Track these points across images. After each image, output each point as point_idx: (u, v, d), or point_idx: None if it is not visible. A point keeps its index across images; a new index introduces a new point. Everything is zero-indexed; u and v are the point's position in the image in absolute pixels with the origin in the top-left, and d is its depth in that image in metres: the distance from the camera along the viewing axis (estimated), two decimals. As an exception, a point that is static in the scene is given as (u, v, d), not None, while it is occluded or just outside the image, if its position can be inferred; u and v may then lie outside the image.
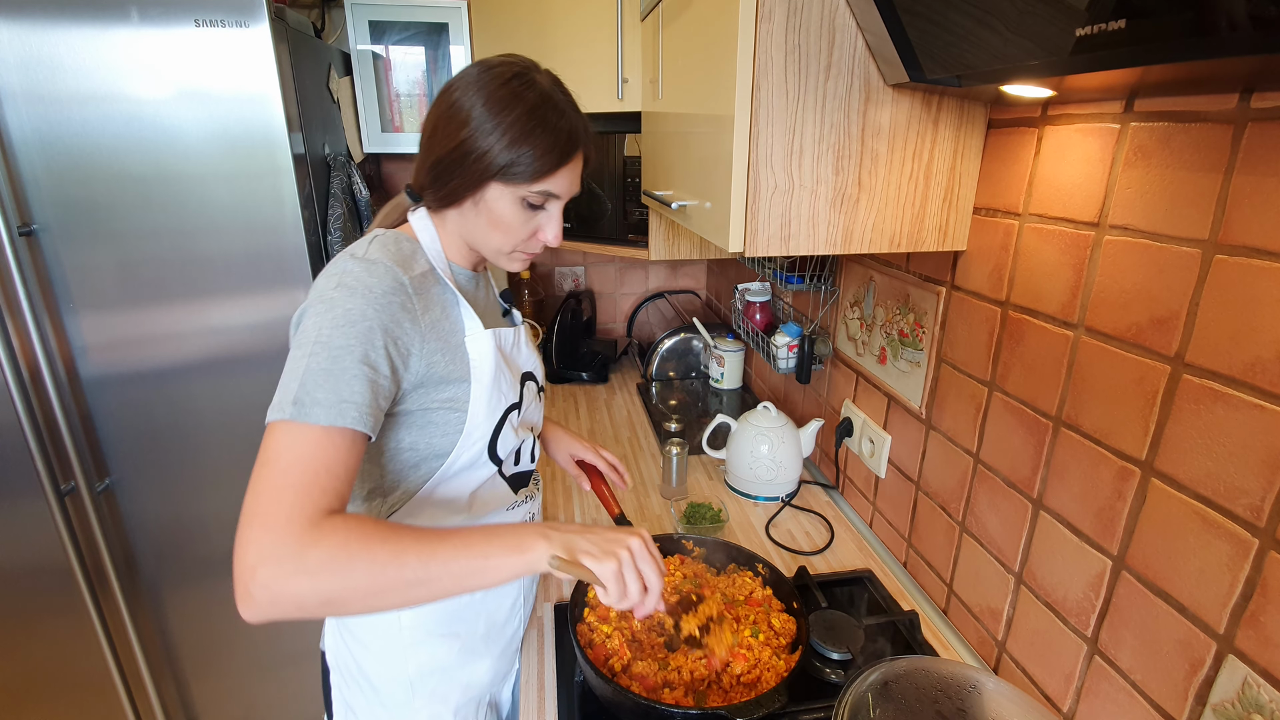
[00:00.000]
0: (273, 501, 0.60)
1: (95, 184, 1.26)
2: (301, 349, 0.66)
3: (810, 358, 1.42)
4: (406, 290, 0.72)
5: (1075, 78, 0.60)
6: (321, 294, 0.69)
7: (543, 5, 1.61)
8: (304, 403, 0.63)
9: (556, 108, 0.76)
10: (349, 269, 0.70)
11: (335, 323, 0.66)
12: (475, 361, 0.80)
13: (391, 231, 0.79)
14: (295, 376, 0.64)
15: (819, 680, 0.91)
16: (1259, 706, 0.58)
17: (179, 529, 1.50)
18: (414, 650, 0.87)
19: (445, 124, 0.75)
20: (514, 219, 0.78)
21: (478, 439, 0.82)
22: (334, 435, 0.64)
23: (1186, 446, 0.65)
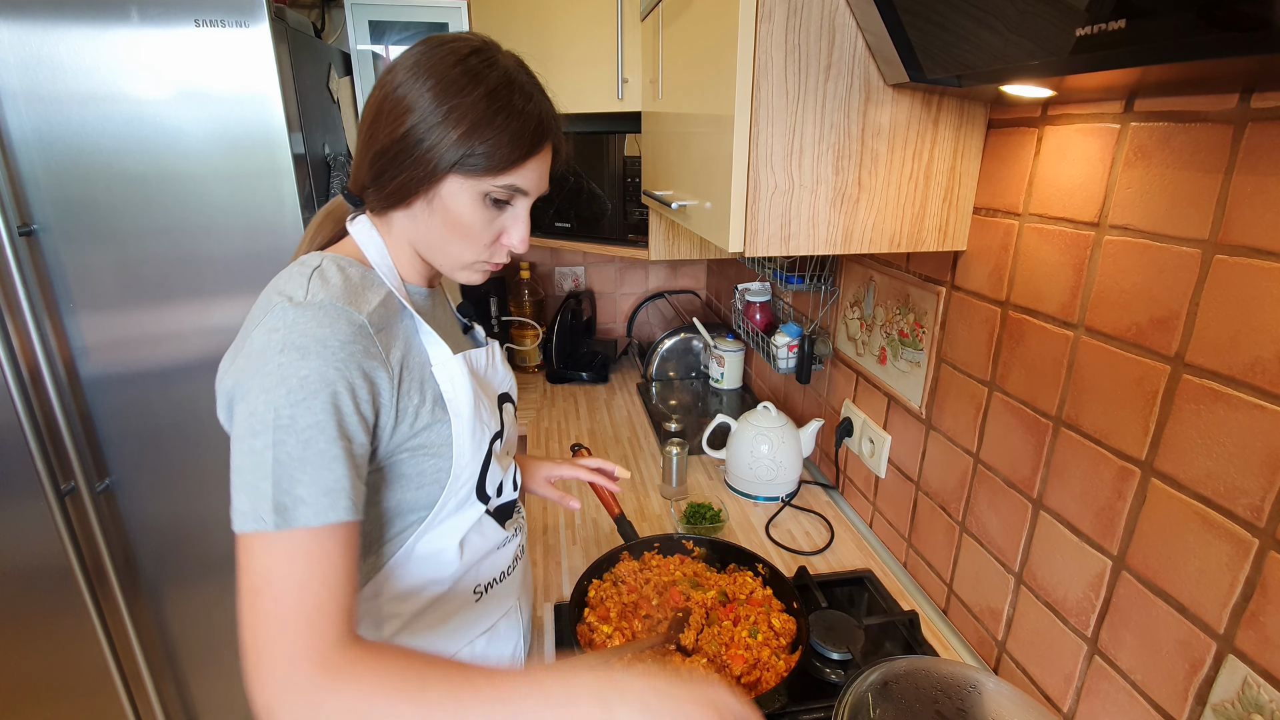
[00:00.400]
0: (277, 638, 0.52)
1: (95, 184, 1.26)
2: (259, 437, 0.54)
3: (810, 358, 1.42)
4: (367, 332, 0.60)
5: (1075, 78, 0.60)
6: (265, 361, 0.56)
7: (543, 5, 1.61)
8: (286, 506, 0.53)
9: (522, 90, 0.65)
10: (293, 322, 0.57)
11: (293, 397, 0.55)
12: (450, 394, 0.69)
13: (330, 257, 0.66)
14: (262, 474, 0.54)
15: (819, 680, 0.91)
16: (1259, 706, 0.58)
17: (179, 529, 1.50)
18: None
19: (391, 108, 0.63)
20: (475, 219, 0.67)
21: (465, 480, 0.72)
22: (328, 535, 0.55)
23: (1186, 446, 0.65)
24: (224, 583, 1.57)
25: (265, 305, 0.60)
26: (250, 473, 0.55)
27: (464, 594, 0.78)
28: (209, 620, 1.59)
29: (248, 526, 0.54)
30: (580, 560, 1.22)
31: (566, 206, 1.78)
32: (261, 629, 0.52)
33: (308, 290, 0.60)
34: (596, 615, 0.95)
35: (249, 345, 0.58)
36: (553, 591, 1.14)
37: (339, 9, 1.82)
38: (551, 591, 1.14)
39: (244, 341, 0.60)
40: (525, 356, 2.21)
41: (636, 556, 1.08)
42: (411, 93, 0.63)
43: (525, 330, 2.18)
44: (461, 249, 0.69)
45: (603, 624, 0.93)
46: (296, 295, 0.59)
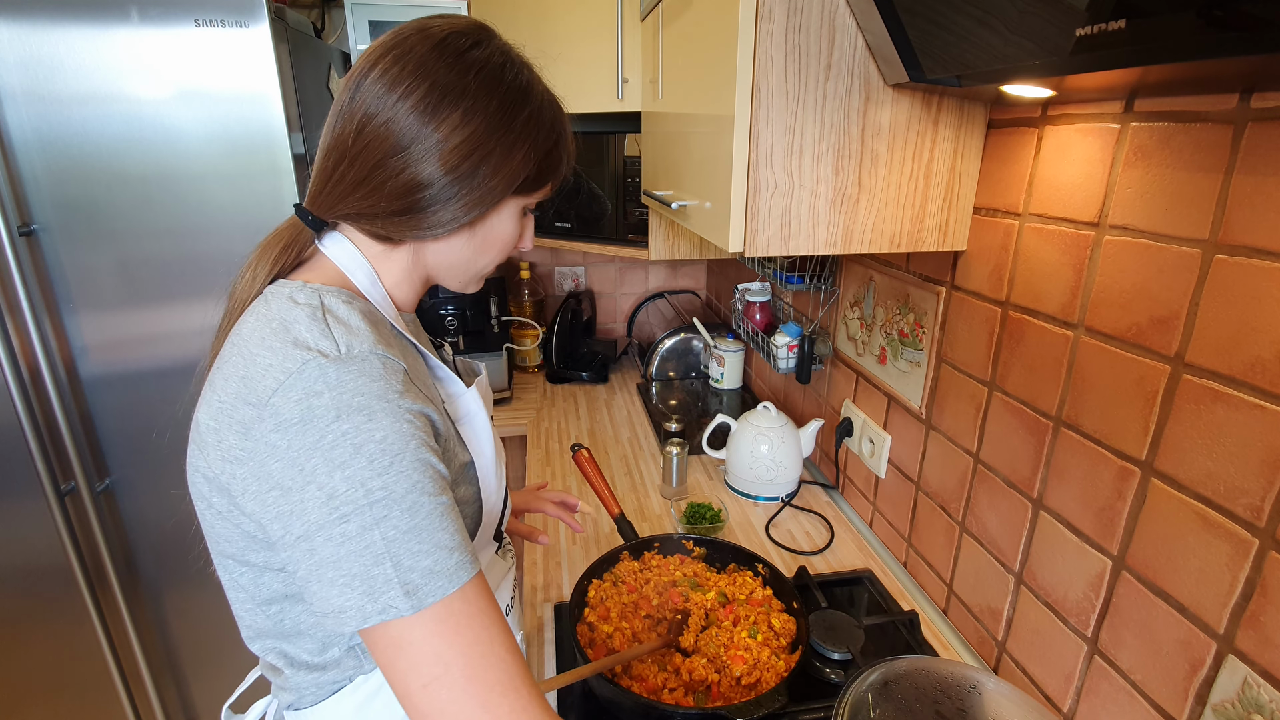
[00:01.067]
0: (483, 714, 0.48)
1: (95, 184, 1.26)
2: (351, 521, 0.47)
3: (810, 358, 1.42)
4: (400, 370, 0.53)
5: (1075, 78, 0.60)
6: (321, 434, 0.47)
7: (543, 5, 1.61)
8: (415, 585, 0.47)
9: (551, 94, 0.62)
10: (338, 381, 0.48)
11: (376, 467, 0.48)
12: (467, 430, 0.63)
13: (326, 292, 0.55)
14: (372, 558, 0.47)
15: (819, 680, 0.91)
16: (1259, 706, 0.58)
17: (179, 529, 1.50)
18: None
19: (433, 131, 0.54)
20: (512, 233, 0.64)
21: (494, 516, 0.66)
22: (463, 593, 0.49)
23: (1186, 446, 0.65)
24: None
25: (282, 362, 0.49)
26: (354, 560, 0.47)
27: None
28: (209, 620, 1.59)
29: (372, 620, 0.47)
30: (580, 560, 1.22)
31: (566, 206, 1.78)
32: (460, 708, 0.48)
33: (335, 340, 0.51)
34: (596, 615, 0.95)
35: (276, 414, 0.48)
36: (553, 591, 1.14)
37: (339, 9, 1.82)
38: (551, 591, 1.14)
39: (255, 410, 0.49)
40: (525, 356, 2.21)
41: (636, 556, 1.08)
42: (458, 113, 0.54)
43: (525, 330, 2.18)
44: (490, 261, 0.65)
45: (603, 624, 0.93)
46: (328, 349, 0.50)
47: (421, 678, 0.48)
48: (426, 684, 0.48)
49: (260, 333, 0.52)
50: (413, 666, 0.48)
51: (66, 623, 1.48)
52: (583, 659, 0.85)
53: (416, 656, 0.48)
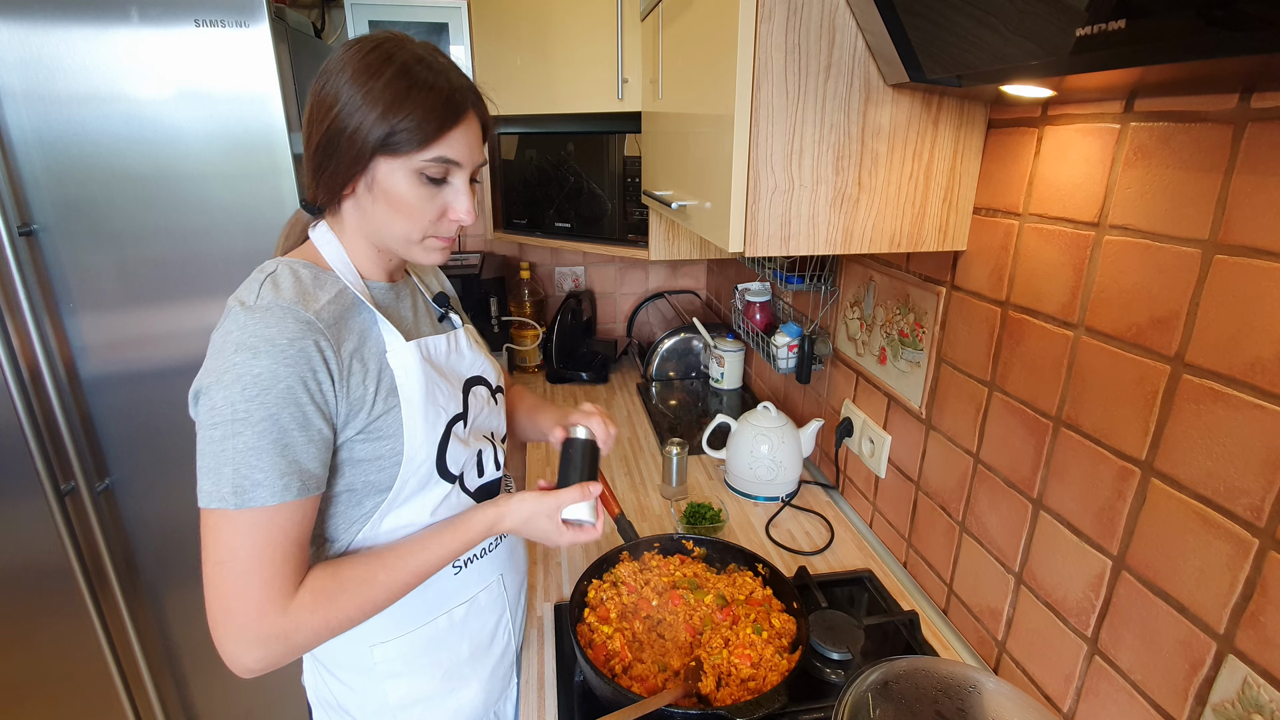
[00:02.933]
0: (241, 600, 0.63)
1: (95, 184, 1.26)
2: (219, 428, 0.62)
3: (810, 358, 1.42)
4: (316, 327, 0.66)
5: (1075, 78, 0.60)
6: (222, 362, 0.63)
7: (543, 5, 1.61)
8: (244, 488, 0.62)
9: (430, 67, 0.68)
10: (244, 324, 0.63)
11: (247, 393, 0.62)
12: (401, 380, 0.73)
13: (284, 261, 0.71)
14: (226, 459, 0.62)
15: (819, 680, 0.91)
16: (1259, 706, 0.58)
17: (179, 529, 1.50)
18: (392, 682, 0.83)
19: (318, 104, 0.68)
20: (414, 197, 0.70)
21: (421, 461, 0.76)
22: (283, 511, 0.64)
23: (1186, 446, 0.65)
24: (224, 583, 1.57)
25: (226, 311, 0.66)
26: (212, 458, 0.62)
27: (443, 571, 0.82)
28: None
29: (211, 504, 0.62)
30: (580, 560, 1.22)
31: (566, 206, 1.78)
32: (229, 594, 0.63)
33: (258, 294, 0.66)
34: (597, 616, 0.95)
35: (211, 346, 0.65)
36: (552, 591, 1.14)
37: (339, 9, 1.82)
38: (551, 591, 1.14)
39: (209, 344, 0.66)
40: (525, 356, 2.21)
41: (636, 557, 1.08)
42: (331, 84, 0.67)
43: (525, 330, 2.18)
44: (407, 228, 0.72)
45: (603, 624, 0.93)
46: (248, 300, 0.65)
47: (216, 556, 0.63)
48: (217, 563, 0.63)
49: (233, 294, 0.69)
50: (212, 546, 0.63)
51: (66, 623, 1.48)
52: (583, 659, 0.85)
53: (220, 540, 0.63)
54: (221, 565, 0.63)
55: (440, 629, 0.84)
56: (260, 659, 0.64)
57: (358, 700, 0.84)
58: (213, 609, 0.64)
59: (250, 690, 1.69)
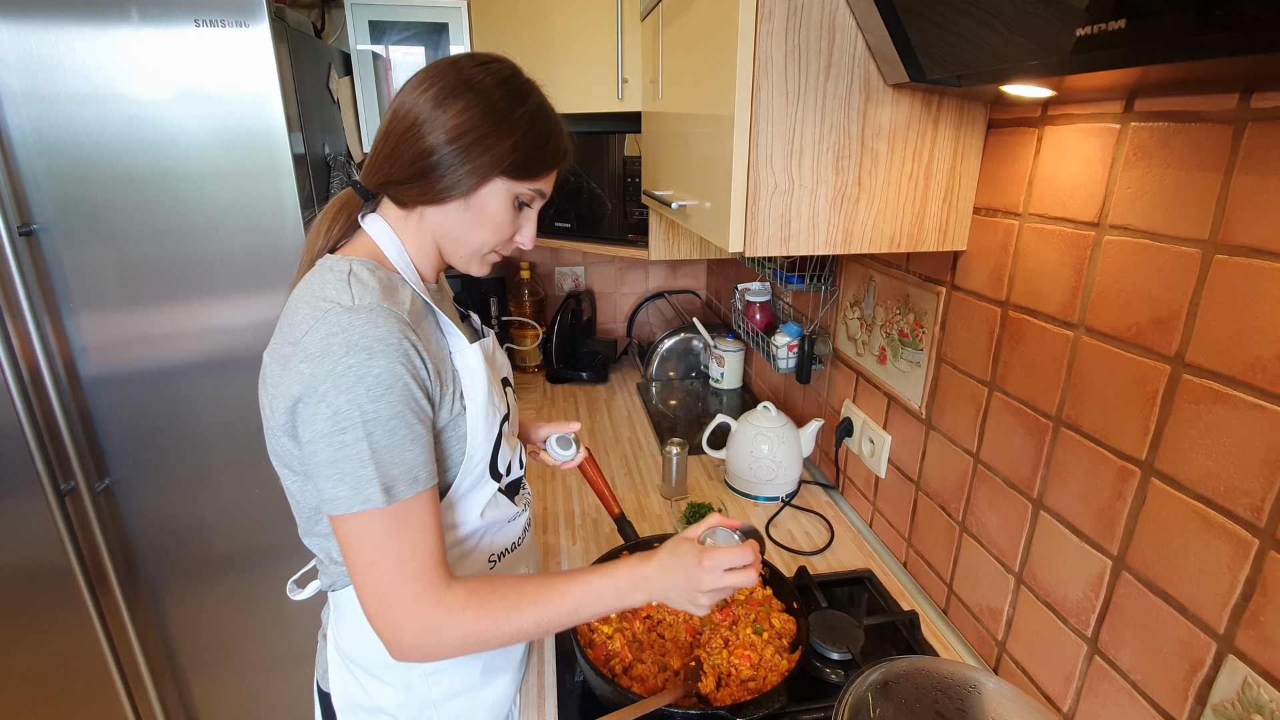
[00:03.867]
0: (397, 594, 0.65)
1: (95, 184, 1.26)
2: (349, 432, 0.62)
3: (810, 358, 1.42)
4: (409, 327, 0.67)
5: (1075, 78, 0.60)
6: (333, 366, 0.62)
7: (543, 5, 1.61)
8: (390, 487, 0.64)
9: (552, 110, 0.76)
10: (350, 325, 0.63)
11: (372, 394, 0.62)
12: (466, 382, 0.76)
13: (355, 260, 0.70)
14: (361, 462, 0.62)
15: (819, 680, 0.91)
16: (1259, 706, 0.58)
17: (179, 529, 1.50)
18: (436, 678, 0.84)
19: (438, 115, 0.69)
20: (504, 217, 0.75)
21: (479, 459, 0.78)
22: (420, 503, 0.66)
23: (1186, 446, 0.65)
24: (224, 583, 1.57)
25: (313, 312, 0.64)
26: (348, 463, 0.63)
27: (480, 561, 0.85)
28: (209, 620, 1.59)
29: (359, 508, 0.63)
30: (580, 560, 1.22)
31: (566, 206, 1.78)
32: (383, 589, 0.65)
33: (353, 294, 0.65)
34: (596, 615, 0.95)
35: (305, 349, 0.63)
36: (553, 591, 1.14)
37: (339, 9, 1.82)
38: (551, 591, 1.14)
39: (291, 348, 0.65)
40: (525, 356, 2.21)
41: (636, 556, 1.08)
42: (461, 101, 0.69)
43: (525, 330, 2.18)
44: (483, 241, 0.76)
45: (603, 624, 0.93)
46: (345, 300, 0.65)
47: (365, 559, 0.65)
48: (367, 565, 0.65)
49: (303, 293, 0.68)
50: (362, 550, 0.65)
51: (66, 623, 1.48)
52: (583, 659, 0.86)
53: (367, 542, 0.64)
54: (372, 565, 0.64)
55: None
56: (416, 648, 0.67)
57: (399, 698, 0.83)
58: (369, 607, 0.66)
59: (250, 690, 1.69)
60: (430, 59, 1.83)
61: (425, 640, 0.67)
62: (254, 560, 1.57)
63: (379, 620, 0.66)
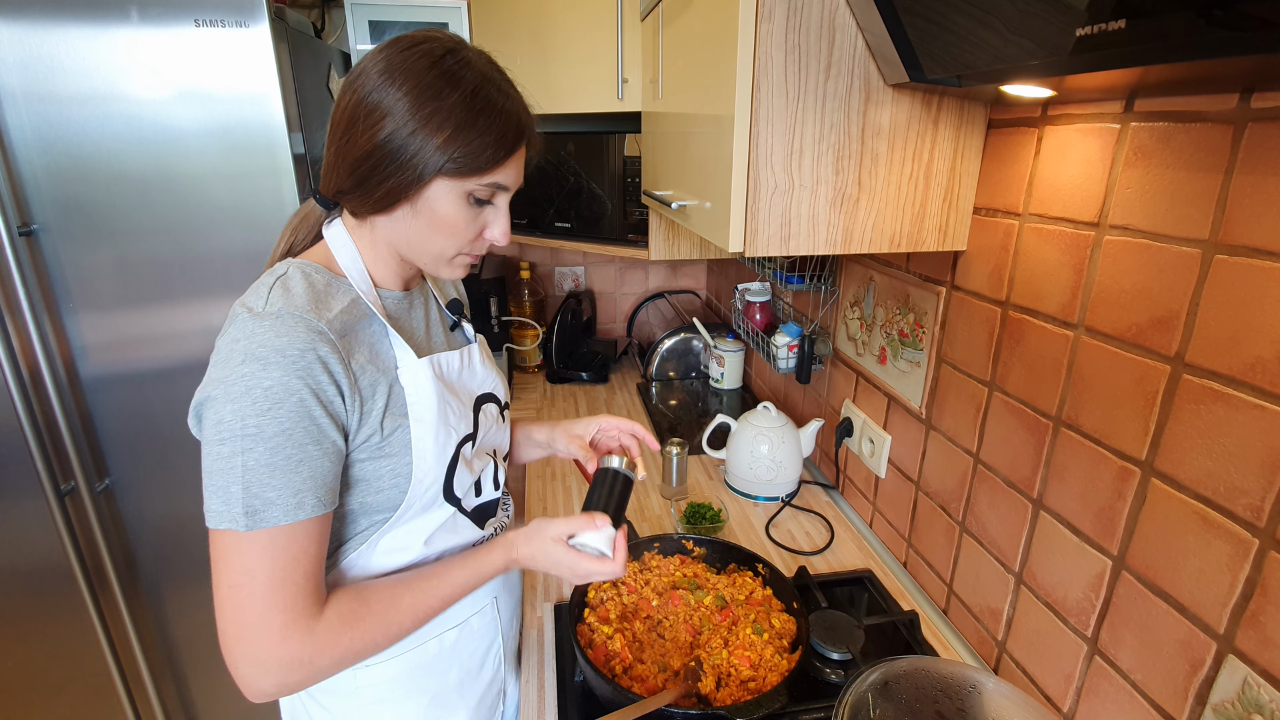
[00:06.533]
0: (263, 624, 0.60)
1: (95, 184, 1.26)
2: (226, 444, 0.58)
3: (810, 358, 1.42)
4: (327, 337, 0.62)
5: (1075, 78, 0.60)
6: (229, 373, 0.59)
7: (543, 5, 1.61)
8: (256, 509, 0.59)
9: (499, 88, 0.66)
10: (252, 332, 0.59)
11: (258, 406, 0.58)
12: (413, 399, 0.70)
13: (296, 264, 0.67)
14: (232, 478, 0.58)
15: (819, 680, 0.91)
16: (1259, 706, 0.58)
17: (179, 529, 1.50)
18: (376, 709, 0.79)
19: (367, 116, 0.63)
20: (460, 218, 0.68)
21: (430, 484, 0.73)
22: (300, 529, 0.61)
23: (1186, 446, 0.65)
24: (224, 583, 1.57)
25: (230, 317, 0.63)
26: (220, 476, 0.59)
27: None
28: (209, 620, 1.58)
29: (221, 525, 0.59)
30: (580, 560, 1.22)
31: (566, 206, 1.78)
32: (248, 619, 0.60)
33: (267, 300, 0.62)
34: (597, 616, 0.95)
35: (215, 352, 0.62)
36: (552, 591, 1.14)
37: (339, 9, 1.82)
38: (551, 591, 1.14)
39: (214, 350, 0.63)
40: (525, 356, 2.21)
41: (637, 557, 1.08)
42: (388, 98, 0.62)
43: (525, 330, 2.18)
44: (445, 246, 0.70)
45: (603, 625, 0.93)
46: (256, 306, 0.62)
47: (231, 580, 0.60)
48: (232, 586, 0.60)
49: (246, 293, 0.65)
50: (229, 570, 0.60)
51: (66, 623, 1.48)
52: (583, 659, 0.85)
53: (235, 563, 0.60)
54: (238, 589, 0.60)
55: (429, 654, 0.80)
56: (280, 684, 0.62)
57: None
58: (228, 634, 0.61)
59: (250, 690, 1.69)
60: (430, 59, 1.84)
61: (291, 676, 0.62)
62: (254, 560, 1.57)
63: (238, 651, 0.61)
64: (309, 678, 0.63)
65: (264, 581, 0.60)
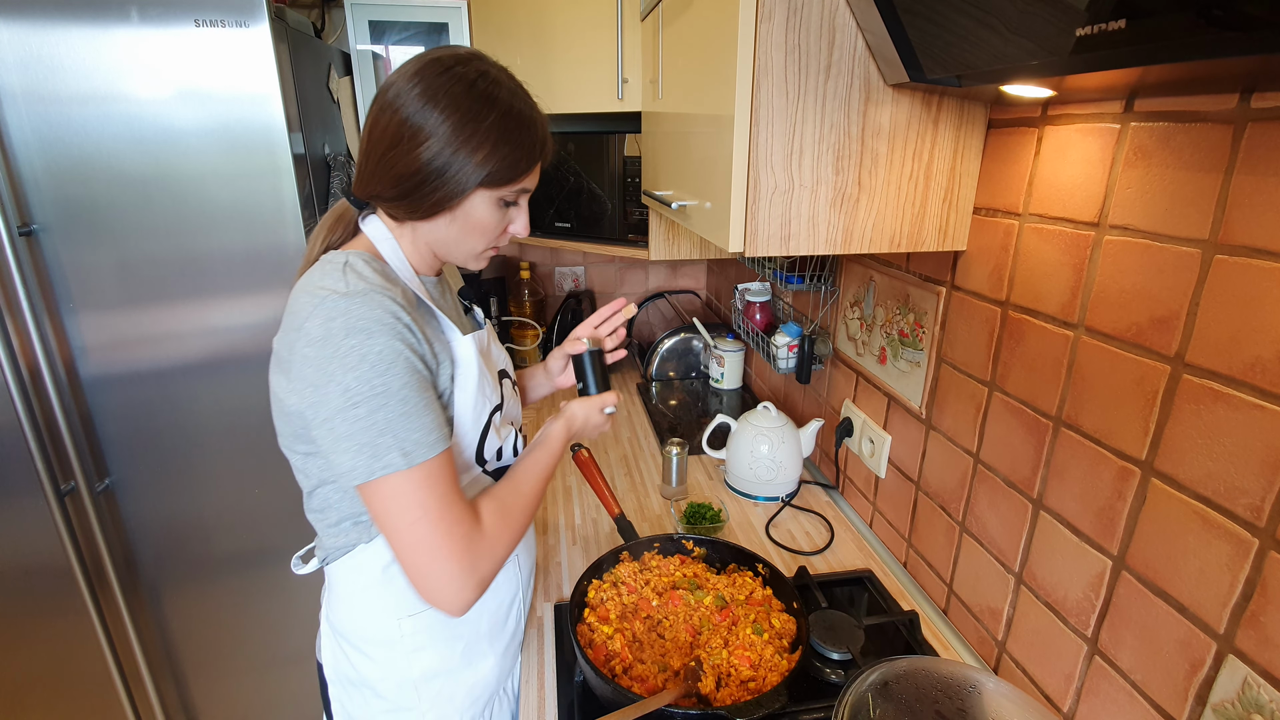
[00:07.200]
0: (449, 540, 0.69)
1: (95, 184, 1.26)
2: (360, 406, 0.66)
3: (810, 358, 1.42)
4: (406, 309, 0.70)
5: (1075, 78, 0.60)
6: (337, 347, 0.66)
7: (543, 5, 1.61)
8: (408, 450, 0.67)
9: (525, 102, 0.76)
10: (347, 309, 0.66)
11: (376, 369, 0.66)
12: (459, 372, 0.79)
13: (351, 253, 0.74)
14: (378, 432, 0.66)
15: (819, 680, 0.91)
16: (1259, 706, 0.58)
17: (179, 529, 1.50)
18: (417, 655, 0.86)
19: (412, 137, 0.71)
20: (491, 220, 0.78)
21: (465, 446, 0.82)
22: (444, 458, 0.70)
23: (1186, 446, 0.65)
24: (224, 583, 1.57)
25: (311, 301, 0.68)
26: (364, 434, 0.66)
27: None
28: (209, 620, 1.59)
29: (380, 473, 0.67)
30: (580, 560, 1.22)
31: (566, 206, 1.78)
32: (437, 541, 0.69)
33: (347, 282, 0.69)
34: (597, 616, 0.95)
35: (308, 335, 0.67)
36: (552, 591, 1.14)
37: (339, 9, 1.82)
38: (551, 591, 1.14)
39: (295, 334, 0.68)
40: (525, 356, 2.21)
41: (636, 557, 1.08)
42: (430, 121, 0.70)
43: (525, 330, 2.18)
44: (477, 244, 0.80)
45: (603, 625, 0.93)
46: (340, 288, 0.68)
47: (408, 517, 0.68)
48: (411, 522, 0.68)
49: (304, 284, 0.71)
50: (403, 509, 0.68)
51: (66, 622, 1.48)
52: (583, 659, 0.85)
53: (406, 500, 0.68)
54: (417, 522, 0.68)
55: None
56: (479, 585, 0.72)
57: (381, 673, 0.86)
58: (421, 566, 0.69)
59: (250, 690, 1.69)
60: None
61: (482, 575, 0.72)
62: (254, 560, 1.57)
63: (435, 576, 0.69)
64: (492, 572, 0.74)
65: (435, 508, 0.68)
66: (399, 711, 0.88)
